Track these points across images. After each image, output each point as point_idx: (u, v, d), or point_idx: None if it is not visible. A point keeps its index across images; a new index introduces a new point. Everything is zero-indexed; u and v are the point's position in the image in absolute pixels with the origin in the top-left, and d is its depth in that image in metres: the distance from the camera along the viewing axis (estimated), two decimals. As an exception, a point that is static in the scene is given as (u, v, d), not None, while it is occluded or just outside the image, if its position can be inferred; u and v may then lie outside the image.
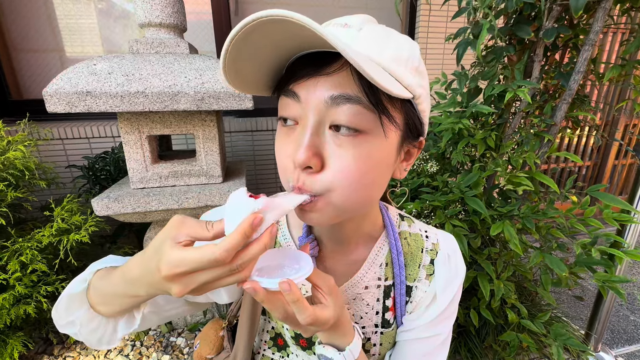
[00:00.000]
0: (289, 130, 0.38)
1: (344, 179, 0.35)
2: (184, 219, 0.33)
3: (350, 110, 0.34)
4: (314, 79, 0.34)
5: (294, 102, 0.36)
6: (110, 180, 1.65)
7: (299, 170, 0.36)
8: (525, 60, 1.05)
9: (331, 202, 0.37)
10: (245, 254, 0.32)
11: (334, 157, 0.35)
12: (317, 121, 0.35)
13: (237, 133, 2.04)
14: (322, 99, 0.34)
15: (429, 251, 0.52)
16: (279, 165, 0.40)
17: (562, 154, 1.01)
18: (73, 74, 0.99)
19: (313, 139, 0.35)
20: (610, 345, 1.69)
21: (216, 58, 1.19)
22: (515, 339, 1.06)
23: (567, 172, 2.96)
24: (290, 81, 0.36)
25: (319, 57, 0.35)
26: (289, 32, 0.31)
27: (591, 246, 1.03)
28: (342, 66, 0.34)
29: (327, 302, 0.39)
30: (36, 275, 1.12)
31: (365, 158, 0.36)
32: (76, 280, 0.45)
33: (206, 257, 0.30)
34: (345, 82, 0.34)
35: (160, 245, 0.32)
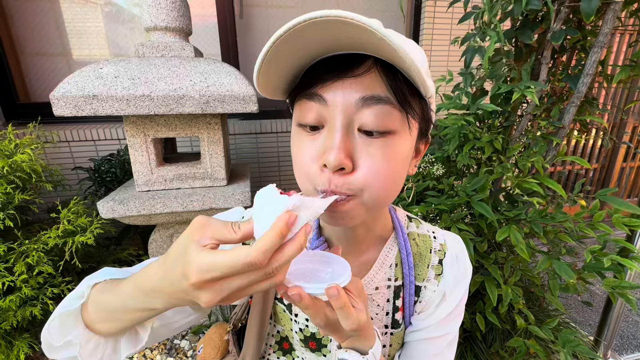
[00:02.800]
0: (312, 134, 0.38)
1: (376, 178, 0.36)
2: (208, 220, 0.31)
3: (381, 110, 0.35)
4: (341, 81, 0.35)
5: (319, 105, 0.36)
6: (116, 182, 1.67)
7: (329, 173, 0.35)
8: (533, 61, 1.04)
9: (363, 201, 0.37)
10: (280, 256, 0.29)
11: (365, 157, 0.36)
12: (346, 123, 0.35)
13: (242, 135, 2.05)
14: (352, 101, 0.34)
15: (437, 251, 0.53)
16: (300, 170, 0.39)
17: (571, 158, 0.99)
18: (80, 78, 0.99)
19: (344, 141, 0.35)
20: (619, 351, 1.66)
21: (221, 61, 1.20)
22: (522, 345, 1.04)
23: (574, 174, 2.93)
24: (315, 84, 0.36)
25: (343, 59, 0.35)
26: (331, 34, 0.31)
27: (600, 252, 1.01)
28: (369, 68, 0.34)
29: (360, 306, 0.37)
30: (42, 277, 1.12)
31: (394, 156, 0.37)
32: (70, 297, 0.41)
33: (240, 260, 0.27)
34: (375, 84, 0.34)
35: (184, 250, 0.29)
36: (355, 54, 0.35)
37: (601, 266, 1.01)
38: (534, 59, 1.05)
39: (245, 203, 1.24)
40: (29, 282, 1.09)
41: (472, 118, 0.99)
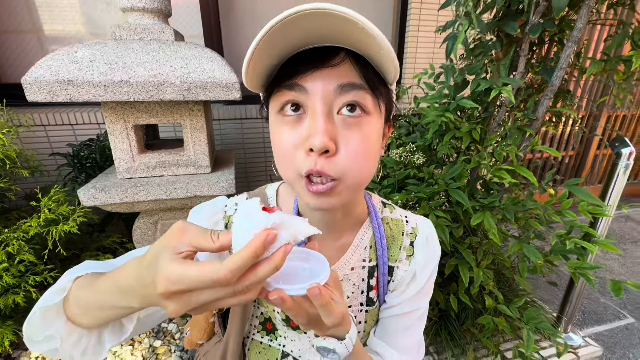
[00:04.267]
0: (294, 120, 0.40)
1: (356, 160, 0.39)
2: (187, 226, 0.31)
3: (357, 95, 0.38)
4: (319, 71, 0.37)
5: (299, 93, 0.38)
6: (96, 169, 1.63)
7: (316, 155, 0.38)
8: (512, 55, 1.06)
9: (346, 184, 0.40)
10: (252, 275, 0.28)
11: (345, 140, 0.39)
12: (327, 109, 0.38)
13: (226, 121, 2.02)
14: (330, 89, 0.37)
15: (409, 234, 0.57)
16: (283, 156, 0.41)
17: (543, 148, 1.04)
18: (53, 62, 0.95)
19: (327, 125, 0.37)
20: (580, 326, 1.81)
21: (202, 46, 1.17)
22: (490, 323, 1.12)
23: (549, 164, 3.04)
24: (294, 76, 0.38)
25: (317, 52, 0.37)
26: (317, 25, 0.34)
27: (566, 236, 1.08)
28: (343, 59, 0.38)
29: (338, 298, 0.38)
30: (24, 266, 1.12)
31: (369, 137, 0.40)
32: (51, 291, 0.40)
33: (208, 276, 0.27)
34: (350, 73, 0.38)
35: (159, 255, 0.29)
36: (328, 46, 0.38)
37: (566, 249, 1.09)
38: (513, 51, 1.07)
39: (230, 190, 1.24)
40: (10, 270, 1.08)
41: (451, 115, 1.02)
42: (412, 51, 2.25)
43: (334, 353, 0.41)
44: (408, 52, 2.26)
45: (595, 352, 1.28)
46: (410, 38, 2.22)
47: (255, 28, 2.07)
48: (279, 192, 0.59)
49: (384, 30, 2.31)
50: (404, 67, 2.30)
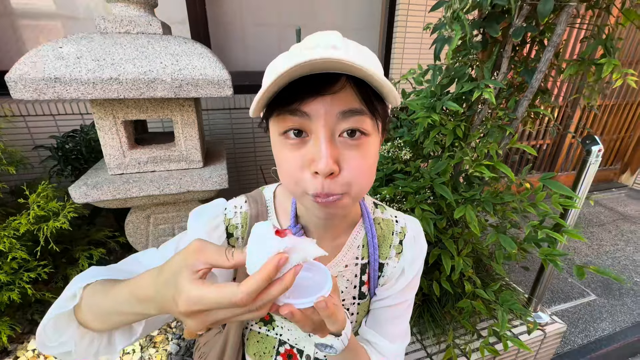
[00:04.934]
0: (297, 143, 0.42)
1: (359, 175, 0.42)
2: (204, 245, 0.33)
3: (359, 120, 0.41)
4: (321, 97, 0.39)
5: (301, 119, 0.40)
6: (82, 161, 1.60)
7: (322, 178, 0.40)
8: (495, 56, 1.11)
9: (351, 196, 0.44)
10: (265, 295, 0.31)
11: (348, 160, 0.41)
12: (330, 133, 0.40)
13: (215, 111, 2.00)
14: (332, 115, 0.40)
15: (398, 233, 0.62)
16: (289, 176, 0.44)
17: (521, 146, 1.11)
18: (37, 58, 0.93)
19: (330, 149, 0.40)
20: (548, 304, 1.97)
21: (191, 40, 1.15)
22: (469, 306, 1.23)
23: (526, 156, 3.18)
24: (295, 101, 0.39)
25: (319, 76, 0.39)
26: (324, 66, 0.36)
27: (539, 226, 1.18)
28: (344, 85, 0.40)
29: (337, 301, 0.41)
30: (16, 263, 1.12)
31: (369, 155, 0.44)
32: (62, 299, 0.42)
33: (226, 298, 0.30)
34: (350, 98, 0.40)
35: (178, 273, 0.32)
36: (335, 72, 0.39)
37: (537, 238, 1.19)
38: (497, 52, 1.11)
39: (223, 186, 1.26)
40: (2, 267, 1.08)
41: (437, 116, 1.07)
42: (399, 45, 2.26)
43: (332, 348, 0.46)
44: (396, 46, 2.27)
45: (560, 328, 1.42)
46: (398, 31, 2.22)
47: (242, 13, 2.02)
48: (276, 194, 0.61)
49: (373, 23, 2.29)
50: (391, 61, 2.31)
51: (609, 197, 3.54)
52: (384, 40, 2.30)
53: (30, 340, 1.35)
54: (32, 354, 1.30)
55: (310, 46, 0.41)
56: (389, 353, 0.61)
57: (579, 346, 1.71)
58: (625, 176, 3.91)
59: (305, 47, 0.42)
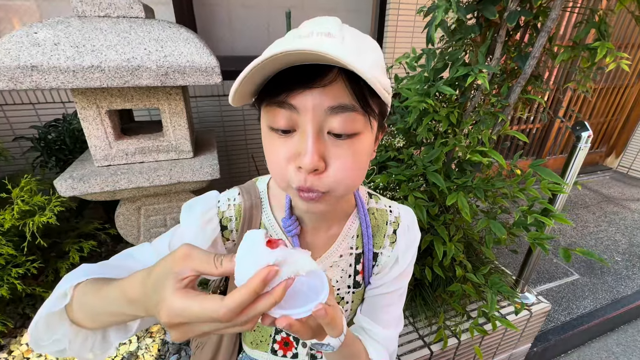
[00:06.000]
0: (285, 136, 0.41)
1: (346, 175, 0.41)
2: (191, 251, 0.32)
3: (348, 117, 0.38)
4: (309, 90, 0.37)
5: (289, 112, 0.38)
6: (67, 152, 1.55)
7: (305, 173, 0.39)
8: (490, 40, 1.09)
9: (335, 195, 0.43)
10: (251, 310, 0.30)
11: (335, 158, 0.40)
12: (317, 128, 0.39)
13: (203, 98, 1.94)
14: (321, 109, 0.38)
15: (392, 223, 0.62)
16: (275, 167, 0.43)
17: (512, 132, 1.11)
18: (11, 45, 0.87)
19: (316, 145, 0.38)
20: (534, 284, 2.05)
21: (176, 25, 1.10)
22: (459, 289, 1.26)
23: (516, 142, 3.21)
24: (282, 93, 0.38)
25: (309, 68, 0.36)
26: (304, 58, 0.34)
27: (528, 211, 1.20)
28: (335, 77, 0.37)
29: (333, 301, 0.40)
30: (3, 259, 1.09)
31: (359, 153, 0.42)
32: (53, 298, 0.41)
33: (208, 313, 0.29)
34: (341, 93, 0.38)
35: (164, 279, 0.31)
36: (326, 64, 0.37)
37: (526, 222, 1.22)
38: (491, 36, 1.10)
39: (215, 176, 1.24)
40: (-11, 264, 1.05)
41: (431, 101, 1.06)
42: (392, 30, 2.21)
43: (329, 346, 0.46)
44: (388, 30, 2.22)
45: (545, 307, 1.48)
46: (390, 14, 2.17)
47: (229, -5, 1.93)
48: (269, 186, 0.61)
49: (365, 5, 2.23)
50: (384, 46, 2.27)
51: (594, 180, 3.64)
52: (376, 23, 2.24)
53: (24, 334, 1.34)
54: (26, 347, 1.30)
55: (305, 34, 0.39)
56: (382, 339, 0.62)
57: (562, 323, 1.79)
58: (610, 159, 4.01)
59: (299, 34, 0.39)
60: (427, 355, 1.28)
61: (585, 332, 1.79)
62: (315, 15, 0.43)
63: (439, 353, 1.30)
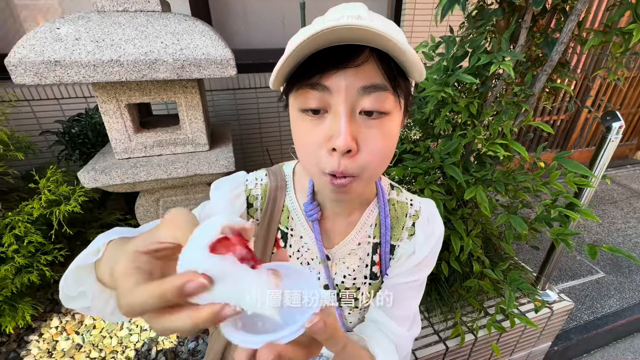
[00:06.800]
0: (316, 119, 0.41)
1: (376, 156, 0.41)
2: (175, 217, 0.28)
3: (379, 96, 0.39)
4: (342, 71, 0.38)
5: (322, 93, 0.39)
6: (89, 145, 1.60)
7: (338, 156, 0.39)
8: (513, 26, 1.04)
9: (364, 178, 0.43)
10: (164, 320, 0.23)
11: (366, 139, 0.40)
12: (350, 109, 0.39)
13: (219, 92, 1.96)
14: (353, 90, 0.38)
15: (412, 216, 0.61)
16: (306, 153, 0.43)
17: (536, 123, 1.06)
18: (36, 40, 0.90)
19: (350, 126, 0.39)
20: (556, 281, 1.98)
21: (192, 18, 1.10)
22: (476, 285, 1.23)
23: (539, 133, 3.07)
24: (316, 74, 0.38)
25: (341, 49, 0.37)
26: (348, 35, 0.35)
27: (552, 206, 1.15)
28: (367, 58, 0.38)
29: (332, 309, 0.33)
30: (33, 246, 1.15)
31: (390, 135, 0.42)
32: (85, 253, 0.41)
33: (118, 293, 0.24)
34: (373, 73, 0.39)
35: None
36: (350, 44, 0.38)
37: (549, 217, 1.17)
38: (515, 22, 1.04)
39: (230, 169, 1.26)
40: (20, 251, 1.11)
41: (450, 90, 1.02)
42: (409, 18, 2.15)
43: (321, 357, 0.42)
44: (405, 18, 2.15)
45: (568, 306, 1.42)
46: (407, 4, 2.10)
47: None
48: (295, 171, 0.62)
49: (381, -10, 2.17)
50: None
51: (624, 174, 3.45)
52: (393, 11, 2.18)
53: (53, 318, 1.42)
54: (55, 330, 1.37)
55: (334, 18, 0.39)
56: (394, 336, 0.58)
57: (585, 322, 1.72)
58: (641, 152, 3.79)
59: (329, 19, 0.40)
60: (442, 350, 1.26)
61: (610, 332, 1.72)
62: (330, 6, 0.44)
63: (455, 349, 1.28)
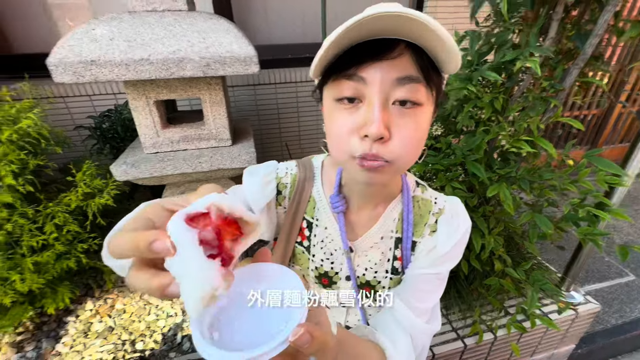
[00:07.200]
0: (351, 108, 0.43)
1: (407, 145, 0.43)
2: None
3: (412, 88, 0.41)
4: (378, 63, 0.40)
5: (357, 83, 0.41)
6: (118, 140, 1.68)
7: (370, 142, 0.42)
8: (543, 19, 1.00)
9: (394, 166, 0.44)
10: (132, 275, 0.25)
11: (399, 128, 0.42)
12: (384, 99, 0.41)
13: (239, 88, 1.99)
14: (388, 81, 0.40)
15: (435, 214, 0.61)
16: (337, 140, 0.45)
17: (566, 119, 1.03)
18: (74, 42, 0.95)
19: (383, 114, 0.41)
20: (582, 283, 1.91)
21: (216, 16, 1.13)
22: (497, 283, 1.21)
23: (567, 129, 2.94)
24: (352, 66, 0.41)
25: (376, 43, 0.40)
26: (388, 25, 0.37)
27: (579, 204, 1.11)
28: (402, 51, 0.40)
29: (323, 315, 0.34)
30: (71, 235, 1.23)
31: (421, 126, 0.44)
32: (128, 217, 0.43)
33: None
34: (407, 65, 0.41)
35: None
36: (386, 38, 0.40)
37: (577, 217, 1.13)
38: (545, 13, 1.00)
39: (252, 163, 1.29)
40: (59, 239, 1.19)
41: (474, 87, 1.00)
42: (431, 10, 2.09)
43: None
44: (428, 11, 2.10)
45: (594, 308, 1.38)
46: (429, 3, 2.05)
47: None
48: (323, 164, 0.64)
49: (403, -18, 2.12)
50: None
51: (660, 172, 3.25)
52: (415, 4, 2.14)
53: (87, 302, 1.52)
54: (89, 313, 1.47)
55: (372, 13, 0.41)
56: (410, 325, 0.55)
57: (612, 326, 1.66)
58: (680, 149, 3.55)
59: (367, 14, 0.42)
60: (460, 348, 1.26)
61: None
62: (351, 1, 0.46)
63: (473, 347, 1.28)
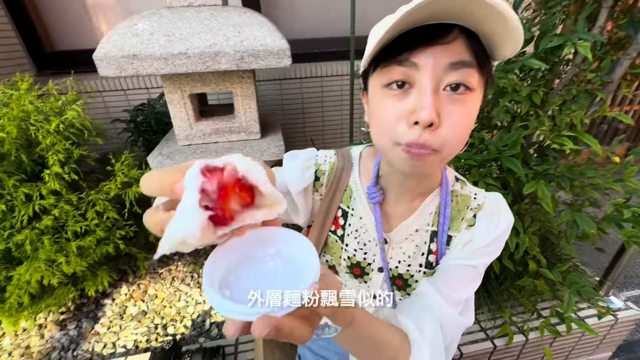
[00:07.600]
0: (400, 94, 0.42)
1: (456, 133, 0.42)
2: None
3: (465, 72, 0.40)
4: (431, 48, 0.39)
5: (408, 69, 0.41)
6: (151, 133, 1.75)
7: (420, 128, 0.40)
8: (592, 5, 0.94)
9: (441, 155, 0.43)
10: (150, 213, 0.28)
11: (449, 114, 0.41)
12: (435, 85, 0.40)
13: (266, 82, 2.02)
14: (441, 66, 0.40)
15: (474, 209, 0.58)
16: (384, 126, 0.45)
17: (613, 114, 0.97)
18: (117, 37, 1.00)
19: (434, 100, 0.40)
20: (621, 288, 1.81)
21: (250, 10, 1.14)
22: (531, 284, 1.17)
23: (614, 125, 2.76)
24: (404, 51, 0.40)
25: (429, 28, 0.39)
26: (449, 6, 0.36)
27: (623, 205, 1.05)
28: (456, 36, 0.39)
29: (330, 277, 0.32)
30: (110, 222, 1.30)
31: (470, 113, 0.43)
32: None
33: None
34: (461, 50, 0.40)
35: None
36: (439, 23, 0.39)
37: (621, 218, 1.07)
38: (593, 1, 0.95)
39: (280, 157, 1.30)
40: (100, 225, 1.26)
41: (514, 77, 0.96)
42: None
43: (329, 328, 0.36)
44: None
45: (635, 315, 1.31)
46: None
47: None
48: (361, 155, 0.64)
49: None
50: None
51: None
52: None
53: (123, 286, 1.60)
54: (124, 297, 1.55)
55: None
56: (440, 314, 0.50)
57: (653, 335, 1.57)
58: None
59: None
60: (489, 348, 1.23)
61: (685, 349, 1.55)
62: None
63: (503, 348, 1.24)
